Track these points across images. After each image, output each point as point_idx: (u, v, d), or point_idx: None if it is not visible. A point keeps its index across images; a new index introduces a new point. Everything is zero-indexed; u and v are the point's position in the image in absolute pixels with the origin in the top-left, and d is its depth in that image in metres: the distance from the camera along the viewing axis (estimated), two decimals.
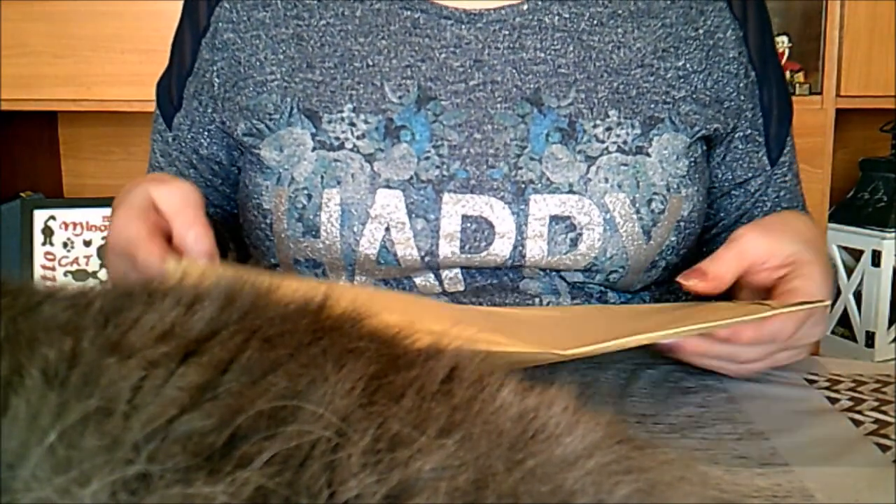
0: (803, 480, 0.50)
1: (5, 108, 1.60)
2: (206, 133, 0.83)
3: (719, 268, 0.65)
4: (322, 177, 0.74)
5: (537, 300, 0.76)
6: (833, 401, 0.63)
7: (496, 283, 0.75)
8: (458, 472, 0.27)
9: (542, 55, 0.76)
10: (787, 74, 1.80)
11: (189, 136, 0.83)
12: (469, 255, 0.73)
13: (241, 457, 0.25)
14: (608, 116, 0.75)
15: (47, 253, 1.71)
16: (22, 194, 1.77)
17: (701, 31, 0.80)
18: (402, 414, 0.28)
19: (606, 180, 0.74)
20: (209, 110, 0.82)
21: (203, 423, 0.26)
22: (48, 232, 1.71)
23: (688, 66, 0.79)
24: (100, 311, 0.31)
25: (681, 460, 0.33)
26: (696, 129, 0.78)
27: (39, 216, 1.71)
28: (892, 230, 1.74)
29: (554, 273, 0.75)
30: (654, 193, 0.75)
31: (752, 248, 0.66)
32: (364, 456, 0.26)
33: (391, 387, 0.30)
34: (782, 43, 1.81)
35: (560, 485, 0.28)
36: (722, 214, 0.87)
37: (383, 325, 0.36)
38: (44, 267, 1.71)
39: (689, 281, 0.65)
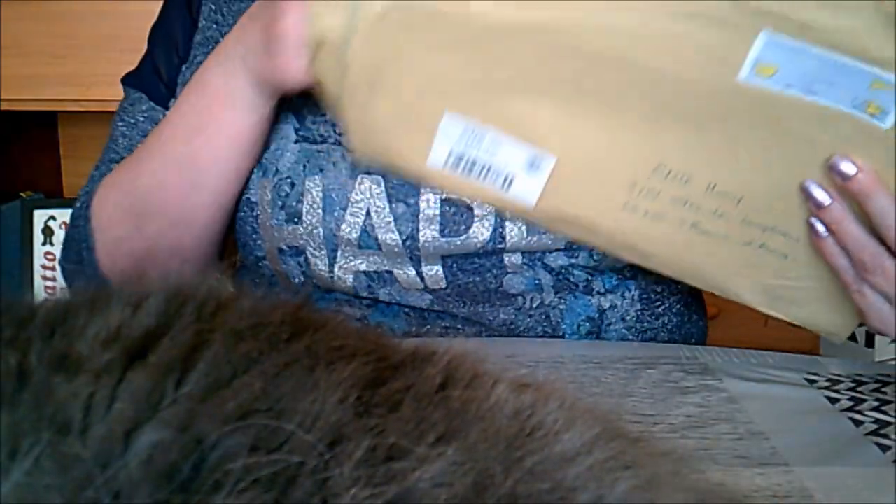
0: (803, 480, 0.50)
1: (5, 108, 1.60)
2: None
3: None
4: (304, 165, 0.76)
5: (521, 298, 0.77)
6: (833, 401, 0.63)
7: (479, 279, 0.76)
8: (457, 478, 0.26)
9: None
10: None
11: None
12: (449, 239, 0.74)
13: (222, 478, 0.23)
14: None
15: (47, 253, 1.71)
16: (22, 194, 1.76)
17: None
18: (401, 424, 0.27)
19: None
20: None
21: (161, 436, 0.24)
22: (48, 232, 1.71)
23: None
24: (45, 321, 0.29)
25: (675, 455, 0.33)
26: None
27: (39, 216, 1.71)
28: None
29: (538, 264, 0.76)
30: None
31: None
32: (358, 469, 0.25)
33: (388, 393, 0.29)
34: None
35: (560, 482, 0.27)
36: None
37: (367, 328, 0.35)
38: (44, 267, 1.71)
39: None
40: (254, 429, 0.25)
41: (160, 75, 0.85)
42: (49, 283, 1.57)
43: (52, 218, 1.71)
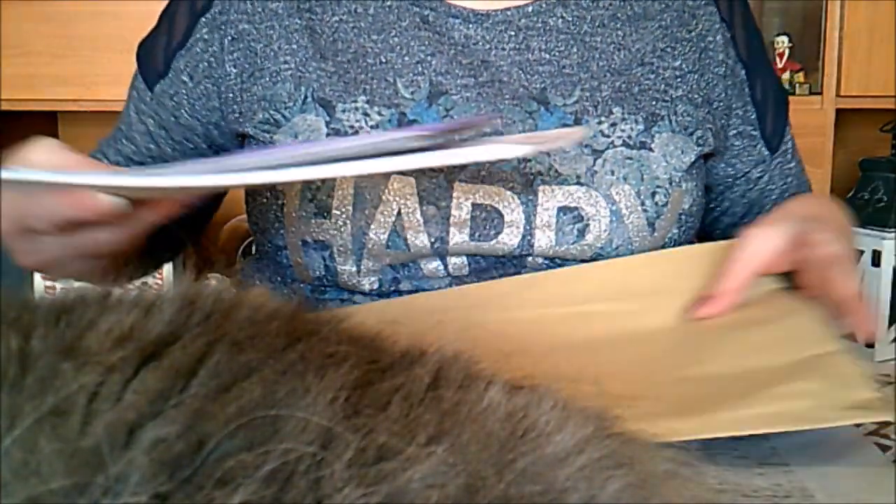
0: (803, 480, 0.50)
1: (5, 108, 1.60)
2: (188, 105, 0.83)
3: (728, 283, 0.67)
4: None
5: None
6: None
7: (500, 273, 0.76)
8: (449, 479, 0.26)
9: (547, 56, 0.79)
10: (787, 74, 1.80)
11: (171, 104, 0.83)
12: (478, 243, 0.74)
13: (223, 476, 0.24)
14: (612, 113, 0.78)
15: None
16: None
17: (694, 34, 0.83)
18: (389, 423, 0.28)
19: (612, 173, 0.76)
20: (201, 87, 0.82)
21: (167, 430, 0.25)
22: None
23: (683, 65, 0.81)
24: (50, 310, 0.30)
25: (670, 452, 0.33)
26: (690, 130, 0.80)
27: None
28: (892, 230, 1.74)
29: (559, 264, 0.76)
30: (658, 186, 0.77)
31: (758, 247, 0.68)
32: (350, 469, 0.26)
33: (376, 394, 0.29)
34: (782, 43, 1.81)
35: (552, 483, 0.28)
36: (729, 206, 0.89)
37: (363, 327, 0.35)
38: None
39: (700, 312, 0.67)
40: (253, 429, 0.26)
41: (154, 55, 0.83)
42: (49, 284, 1.57)
43: None
